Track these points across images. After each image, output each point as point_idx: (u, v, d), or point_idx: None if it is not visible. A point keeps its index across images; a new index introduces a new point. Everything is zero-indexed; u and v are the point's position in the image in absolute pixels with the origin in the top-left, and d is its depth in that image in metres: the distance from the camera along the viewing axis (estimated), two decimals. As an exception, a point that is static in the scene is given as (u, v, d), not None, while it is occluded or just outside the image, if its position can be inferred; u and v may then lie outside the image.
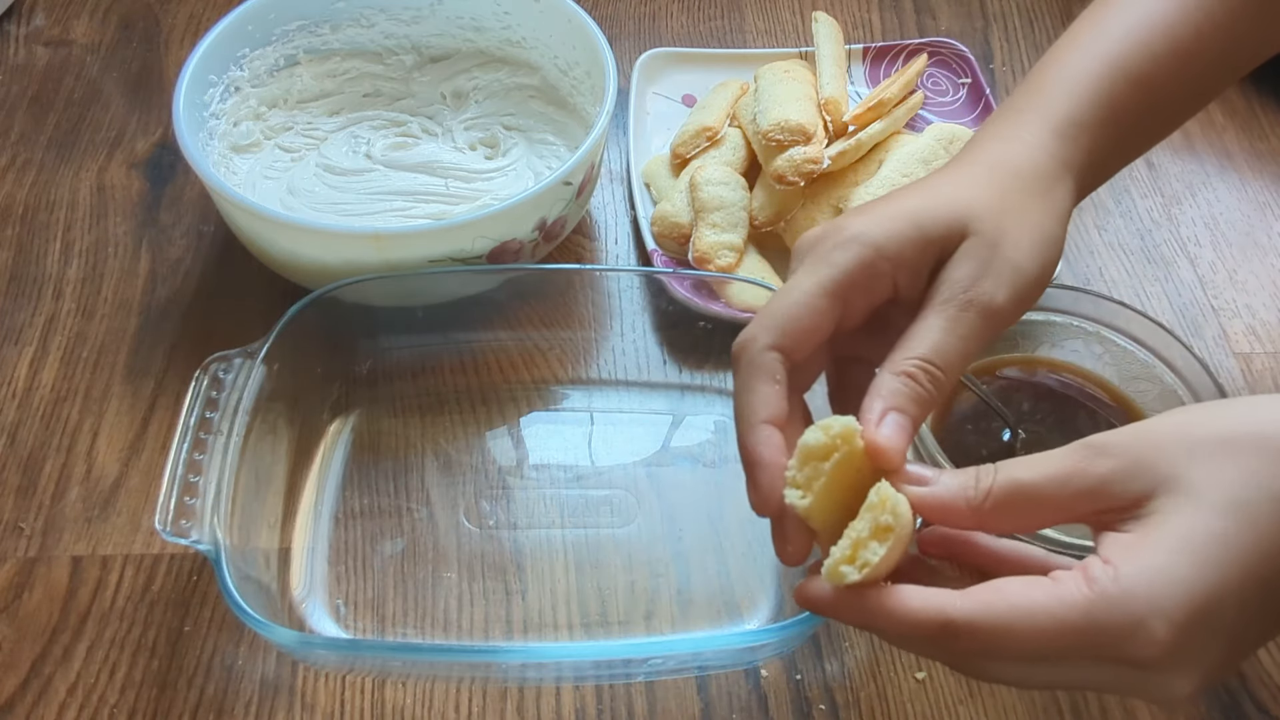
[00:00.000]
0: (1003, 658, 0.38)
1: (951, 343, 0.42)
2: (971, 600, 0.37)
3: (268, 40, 0.72)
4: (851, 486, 0.40)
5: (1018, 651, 0.37)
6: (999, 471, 0.39)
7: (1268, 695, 0.54)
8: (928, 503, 0.40)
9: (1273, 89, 0.84)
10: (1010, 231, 0.44)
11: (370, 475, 0.61)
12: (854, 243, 0.43)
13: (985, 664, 0.39)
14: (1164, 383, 0.62)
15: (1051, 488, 0.39)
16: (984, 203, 0.44)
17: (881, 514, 0.38)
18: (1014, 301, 0.43)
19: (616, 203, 0.76)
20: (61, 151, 0.77)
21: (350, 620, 0.55)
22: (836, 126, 0.71)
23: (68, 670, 0.54)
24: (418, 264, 0.61)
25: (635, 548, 0.58)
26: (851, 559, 0.38)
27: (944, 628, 0.37)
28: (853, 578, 0.38)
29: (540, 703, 0.53)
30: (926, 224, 0.44)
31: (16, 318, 0.67)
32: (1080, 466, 0.38)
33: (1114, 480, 0.38)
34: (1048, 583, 0.37)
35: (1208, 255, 0.74)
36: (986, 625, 0.36)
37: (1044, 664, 0.37)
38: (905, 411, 0.41)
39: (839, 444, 0.40)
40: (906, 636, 0.39)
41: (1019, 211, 0.45)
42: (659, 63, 0.81)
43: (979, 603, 0.37)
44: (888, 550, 0.37)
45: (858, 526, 0.38)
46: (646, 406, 0.65)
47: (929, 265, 0.44)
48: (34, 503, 0.59)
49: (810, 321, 0.43)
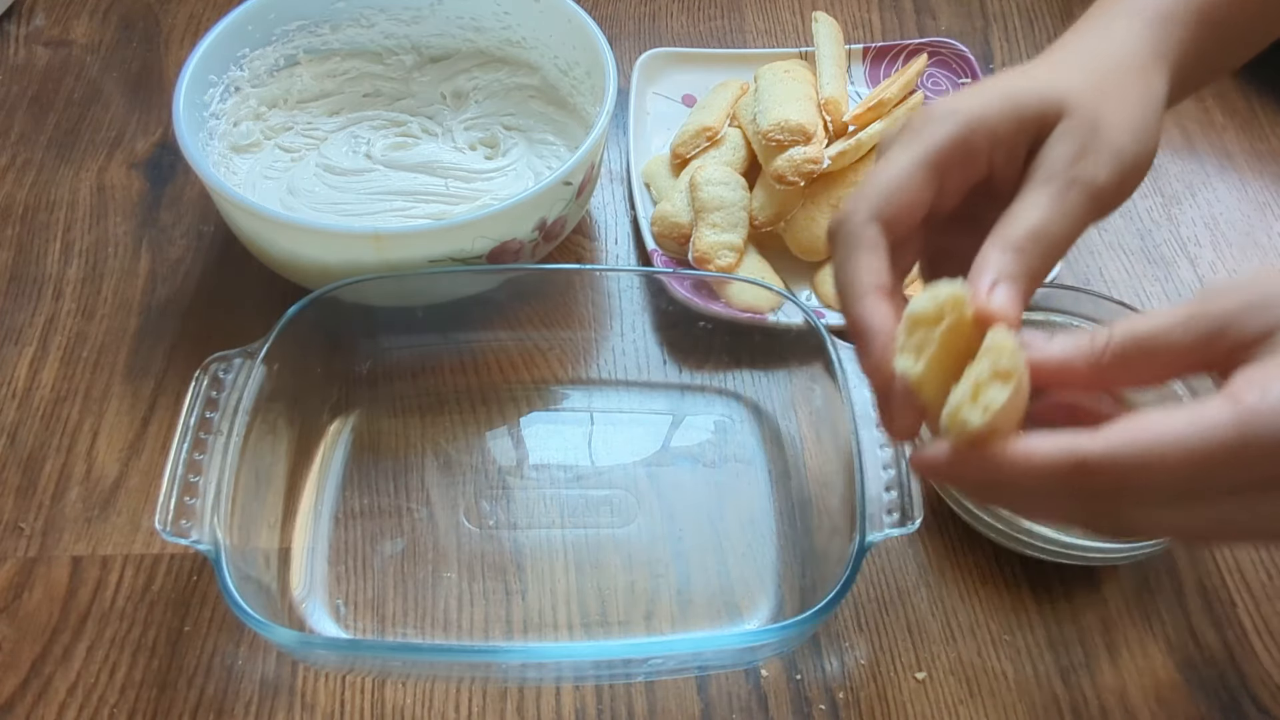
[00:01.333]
0: (1146, 498, 0.35)
1: (1056, 219, 0.41)
2: (1107, 436, 0.34)
3: (268, 40, 0.72)
4: (960, 358, 0.38)
5: (1163, 485, 0.34)
6: (1115, 325, 0.38)
7: (1268, 695, 0.55)
8: (1046, 359, 0.38)
9: (1273, 89, 0.84)
10: (1108, 115, 0.43)
11: (370, 475, 0.61)
12: (949, 117, 0.43)
13: (1126, 509, 0.36)
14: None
15: (1173, 333, 0.37)
16: (1080, 87, 0.44)
17: (1000, 358, 0.35)
18: (1116, 183, 0.43)
19: (616, 203, 0.76)
20: (61, 151, 0.77)
21: (350, 620, 0.55)
22: (836, 126, 0.71)
23: (68, 670, 0.54)
24: (418, 264, 0.61)
25: (635, 548, 0.58)
26: (974, 398, 0.35)
27: (1078, 468, 0.34)
28: (975, 422, 0.35)
29: (540, 703, 0.53)
30: (1022, 101, 0.43)
31: (16, 318, 0.67)
32: (1200, 308, 0.37)
33: (1236, 315, 0.36)
34: (1189, 407, 0.34)
35: (1208, 255, 0.74)
36: (1126, 458, 0.34)
37: (1192, 501, 0.35)
38: (1015, 281, 0.40)
39: (947, 311, 0.38)
40: (1036, 489, 0.36)
41: (1117, 97, 0.44)
42: (659, 63, 0.81)
43: (1116, 437, 0.34)
44: (1009, 396, 0.35)
45: (977, 369, 0.35)
46: (646, 406, 0.65)
47: (1025, 143, 0.44)
48: (34, 503, 0.59)
49: (909, 195, 0.42)
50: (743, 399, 0.65)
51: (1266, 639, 0.56)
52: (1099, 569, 0.58)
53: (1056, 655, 0.56)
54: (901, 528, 0.50)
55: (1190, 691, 0.55)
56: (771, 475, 0.61)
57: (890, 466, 0.52)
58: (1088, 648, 0.56)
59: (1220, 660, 0.56)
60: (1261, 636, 0.57)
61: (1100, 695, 0.54)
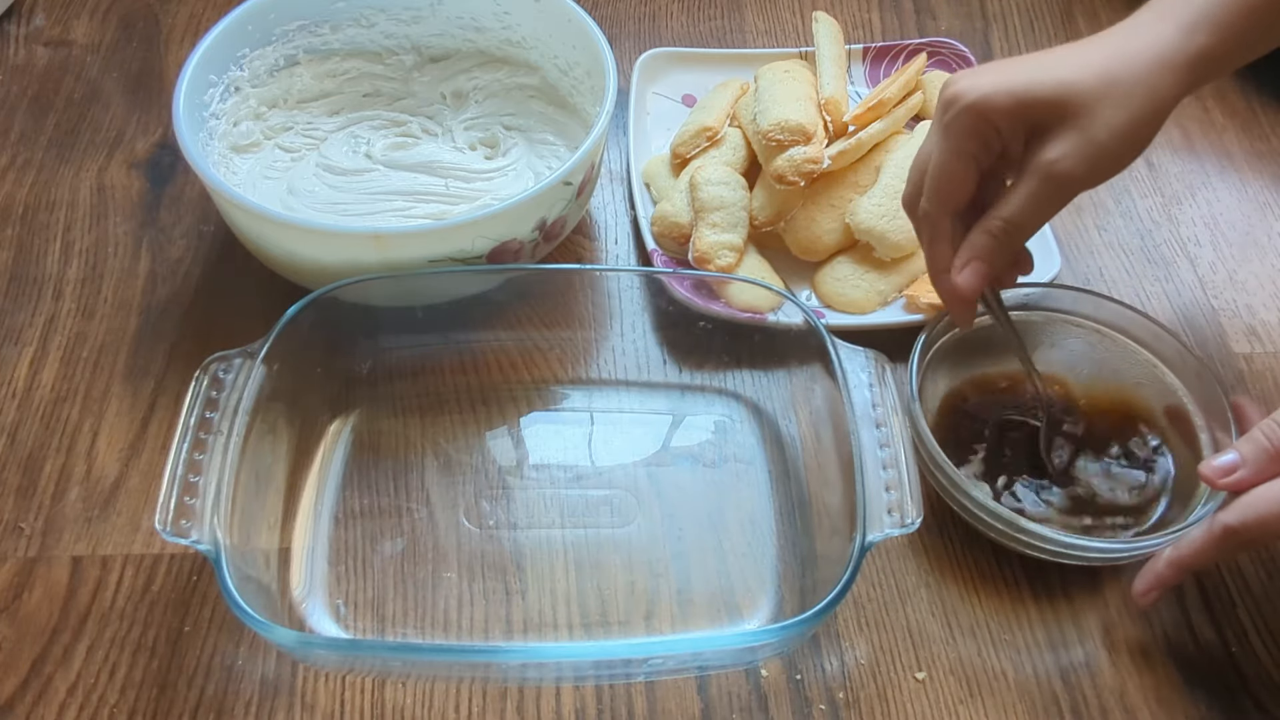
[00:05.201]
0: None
1: (1030, 209, 0.53)
2: (1239, 507, 0.50)
3: (268, 40, 0.72)
4: None
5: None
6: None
7: (1268, 695, 0.54)
8: (1246, 481, 0.50)
9: (1273, 89, 0.84)
10: (1103, 115, 0.51)
11: (370, 475, 0.61)
12: (968, 112, 0.52)
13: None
14: (1164, 383, 0.62)
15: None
16: (1088, 85, 0.51)
17: None
18: (1086, 173, 0.52)
19: (616, 203, 0.76)
20: (61, 151, 0.77)
21: (350, 620, 0.55)
22: (836, 126, 0.71)
23: (68, 670, 0.54)
24: (418, 264, 0.61)
25: (635, 548, 0.58)
26: None
27: (1227, 533, 0.49)
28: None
29: (540, 703, 0.53)
30: (1025, 98, 0.52)
31: (16, 318, 0.67)
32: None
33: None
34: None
35: (1208, 255, 0.74)
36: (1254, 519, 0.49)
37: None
38: (984, 259, 0.55)
39: None
40: (1211, 556, 0.51)
41: (1119, 99, 0.51)
42: (659, 63, 0.81)
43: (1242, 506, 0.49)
44: None
45: None
46: (646, 406, 0.65)
47: (1023, 133, 0.53)
48: (34, 503, 0.59)
49: (966, 187, 0.55)
50: (743, 399, 0.65)
51: (1266, 639, 0.56)
52: (1099, 569, 0.58)
53: (1056, 655, 0.56)
54: (902, 528, 0.50)
55: (1190, 691, 0.55)
56: (771, 475, 0.61)
57: (890, 466, 0.52)
58: (1088, 648, 0.56)
59: (1220, 660, 0.56)
60: (1261, 636, 0.57)
61: (1100, 695, 0.54)
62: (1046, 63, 0.53)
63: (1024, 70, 0.53)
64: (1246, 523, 0.49)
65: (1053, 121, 0.52)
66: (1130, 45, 0.52)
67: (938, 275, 0.57)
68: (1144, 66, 0.51)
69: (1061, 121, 0.51)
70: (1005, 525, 0.55)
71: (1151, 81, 0.51)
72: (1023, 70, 0.53)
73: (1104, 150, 0.51)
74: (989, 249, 0.55)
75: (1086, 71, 0.51)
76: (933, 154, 0.55)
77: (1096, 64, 0.52)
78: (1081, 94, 0.51)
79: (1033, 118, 0.52)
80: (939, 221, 0.56)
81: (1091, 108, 0.51)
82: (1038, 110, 0.52)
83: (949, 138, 0.54)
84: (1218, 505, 0.53)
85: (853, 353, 0.57)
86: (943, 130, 0.54)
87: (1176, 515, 0.57)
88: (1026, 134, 0.53)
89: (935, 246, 0.57)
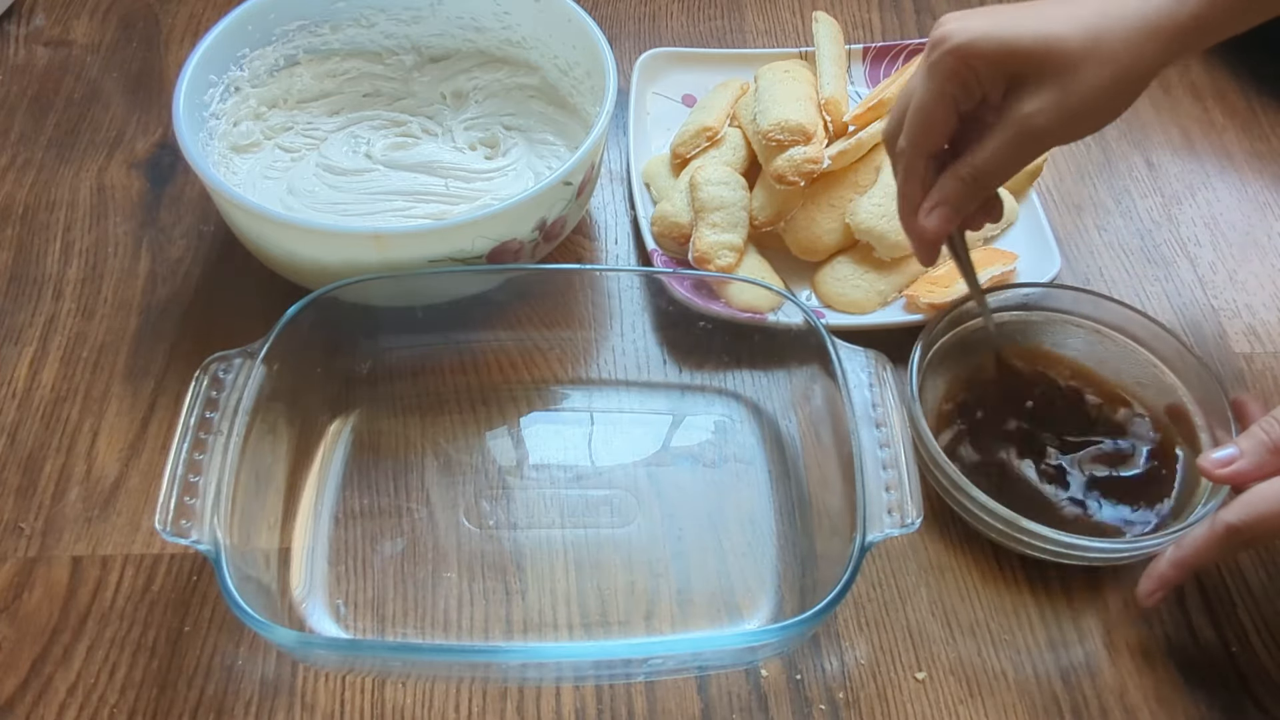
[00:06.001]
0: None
1: (1000, 159, 0.54)
2: (1238, 505, 0.50)
3: (268, 40, 0.72)
4: None
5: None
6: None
7: (1268, 695, 0.54)
8: (1245, 473, 0.51)
9: (1273, 89, 0.84)
10: (1085, 74, 0.51)
11: (370, 475, 0.61)
12: (953, 54, 0.52)
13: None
14: (1164, 383, 0.62)
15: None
16: (1074, 41, 0.51)
17: None
18: (1059, 129, 0.52)
19: (616, 203, 0.76)
20: (61, 151, 0.77)
21: (350, 620, 0.55)
22: (836, 126, 0.71)
23: (68, 670, 0.54)
24: (418, 264, 0.61)
25: (635, 548, 0.58)
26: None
27: (1230, 531, 0.49)
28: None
29: (540, 703, 0.53)
30: (1011, 48, 0.51)
31: (16, 318, 0.67)
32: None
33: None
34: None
35: (1208, 255, 0.74)
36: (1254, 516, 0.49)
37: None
38: (951, 205, 0.56)
39: None
40: (1213, 555, 0.51)
41: (1103, 58, 0.51)
42: (659, 63, 0.81)
43: (1243, 504, 0.50)
44: None
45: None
46: (646, 406, 0.65)
47: (1003, 82, 0.53)
48: (34, 503, 0.59)
49: (944, 128, 0.55)
50: (743, 399, 0.65)
51: (1266, 639, 0.56)
52: (1099, 569, 0.58)
53: (1056, 655, 0.56)
54: (902, 528, 0.50)
55: (1190, 691, 0.55)
56: (771, 475, 0.61)
57: (890, 466, 0.52)
58: (1088, 648, 0.56)
59: (1220, 660, 0.56)
60: (1261, 636, 0.57)
61: (1100, 695, 0.54)
62: (1037, 13, 0.53)
63: (1013, 19, 0.52)
64: (1248, 520, 0.49)
65: (1033, 74, 0.51)
66: (1122, 5, 0.52)
67: (906, 214, 0.58)
68: (1132, 28, 0.51)
69: (1042, 75, 0.51)
70: (1005, 525, 0.55)
71: (1137, 43, 0.51)
72: (1012, 19, 0.52)
73: (1081, 108, 0.51)
74: (958, 195, 0.55)
75: (1073, 27, 0.51)
76: (915, 92, 0.55)
77: (1085, 20, 0.51)
78: (1066, 49, 0.51)
79: (1014, 67, 0.52)
80: (914, 161, 0.56)
81: (1074, 64, 0.51)
82: (1020, 60, 0.51)
83: (932, 78, 0.53)
84: (1219, 504, 0.53)
85: (853, 353, 0.57)
86: (927, 70, 0.54)
87: (1176, 515, 0.57)
88: (1007, 82, 0.53)
89: (907, 184, 0.57)
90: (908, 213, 0.58)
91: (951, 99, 0.53)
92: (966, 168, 0.55)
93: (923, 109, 0.54)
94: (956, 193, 0.55)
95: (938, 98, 0.53)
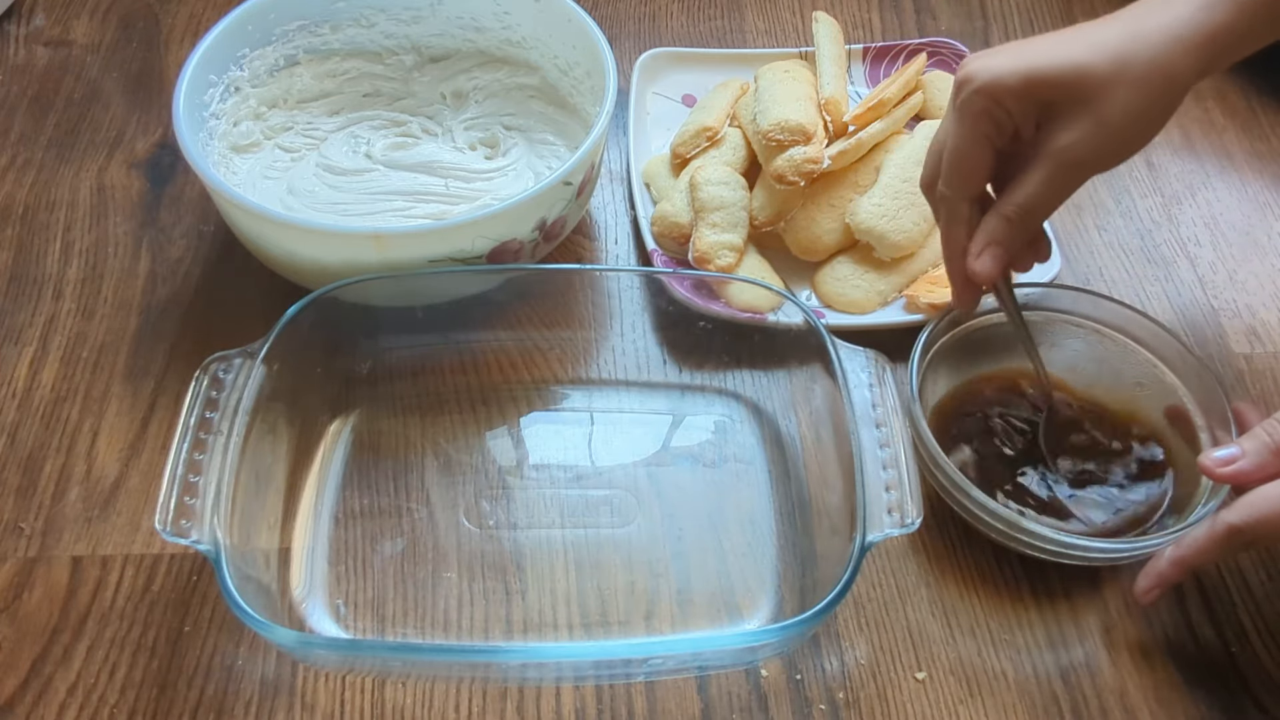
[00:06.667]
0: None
1: (1044, 193, 0.53)
2: (1239, 506, 0.50)
3: (268, 40, 0.72)
4: None
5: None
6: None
7: (1268, 695, 0.54)
8: (1246, 473, 0.51)
9: (1273, 89, 0.84)
10: (1117, 97, 0.50)
11: (370, 475, 0.61)
12: (979, 95, 0.52)
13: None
14: (1164, 383, 0.62)
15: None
16: (1100, 66, 0.50)
17: None
18: (1098, 157, 0.52)
19: (616, 203, 0.76)
20: (61, 151, 0.77)
21: (350, 620, 0.55)
22: (836, 126, 0.71)
23: (68, 670, 0.54)
24: (418, 264, 0.61)
25: (635, 548, 0.58)
26: None
27: (1231, 531, 0.49)
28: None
29: (540, 703, 0.53)
30: (1038, 79, 0.51)
31: (16, 318, 0.67)
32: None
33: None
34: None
35: (1208, 255, 0.74)
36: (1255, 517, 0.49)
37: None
38: (1001, 244, 0.55)
39: None
40: (1214, 555, 0.51)
41: (1134, 81, 0.50)
42: (659, 63, 0.81)
43: (1245, 505, 0.49)
44: None
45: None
46: (646, 406, 0.65)
47: (1034, 115, 0.52)
48: (34, 503, 0.59)
49: (984, 171, 0.54)
50: (743, 399, 0.65)
51: (1266, 639, 0.56)
52: (1099, 569, 0.58)
53: (1056, 655, 0.56)
54: (902, 528, 0.50)
55: (1190, 691, 0.55)
56: (771, 475, 0.61)
57: (890, 466, 0.52)
58: (1088, 648, 0.56)
59: (1220, 660, 0.56)
60: (1261, 636, 0.57)
61: (1100, 695, 0.54)
62: (1060, 42, 0.52)
63: (1037, 51, 0.52)
64: (1249, 521, 0.49)
65: (1064, 104, 0.51)
66: (1145, 24, 0.51)
67: (953, 259, 0.57)
68: (1158, 46, 0.50)
69: (1073, 104, 0.51)
70: (1005, 525, 0.55)
71: (1166, 61, 0.50)
72: (1036, 51, 0.52)
73: (1116, 134, 0.51)
74: (1004, 234, 0.54)
75: (1099, 52, 0.51)
76: (948, 137, 0.54)
77: (1110, 44, 0.51)
78: (1094, 76, 0.50)
79: (1044, 99, 0.51)
80: (956, 206, 0.56)
81: (1104, 90, 0.50)
82: (1049, 91, 0.51)
83: (963, 120, 0.53)
84: (1219, 504, 0.53)
85: (853, 353, 0.57)
86: (957, 113, 0.54)
87: (1177, 515, 0.57)
88: (1039, 115, 0.52)
89: (952, 229, 0.56)
90: (955, 257, 0.57)
91: (986, 139, 0.53)
92: (1011, 206, 0.54)
93: (958, 152, 0.54)
94: (1004, 232, 0.54)
95: (972, 139, 0.53)
